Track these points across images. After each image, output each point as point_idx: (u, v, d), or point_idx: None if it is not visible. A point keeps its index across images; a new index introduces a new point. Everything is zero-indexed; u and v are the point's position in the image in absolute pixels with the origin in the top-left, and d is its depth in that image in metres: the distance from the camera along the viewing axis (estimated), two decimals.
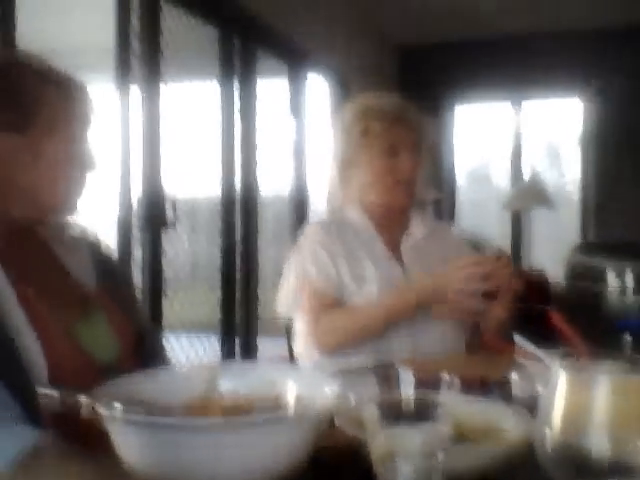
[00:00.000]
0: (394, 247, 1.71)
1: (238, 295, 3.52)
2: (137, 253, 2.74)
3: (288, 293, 1.72)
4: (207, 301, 3.48)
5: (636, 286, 1.67)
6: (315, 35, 4.09)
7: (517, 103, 5.58)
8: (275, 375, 0.87)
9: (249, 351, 3.56)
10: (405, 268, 1.69)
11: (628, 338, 1.22)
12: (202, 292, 3.49)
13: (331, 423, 0.81)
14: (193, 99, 3.37)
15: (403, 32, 5.19)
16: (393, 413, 0.62)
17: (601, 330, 1.01)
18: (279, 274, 1.81)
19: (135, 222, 2.73)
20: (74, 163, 1.07)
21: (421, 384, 0.70)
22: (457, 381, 0.68)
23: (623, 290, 1.73)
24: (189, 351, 3.23)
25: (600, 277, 1.94)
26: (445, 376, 0.68)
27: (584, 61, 5.06)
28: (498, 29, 5.07)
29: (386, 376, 0.72)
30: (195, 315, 3.36)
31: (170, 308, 3.07)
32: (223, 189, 3.38)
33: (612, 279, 1.73)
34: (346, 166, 1.72)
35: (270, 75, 3.84)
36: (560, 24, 4.91)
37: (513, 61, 5.17)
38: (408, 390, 0.69)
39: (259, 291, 3.68)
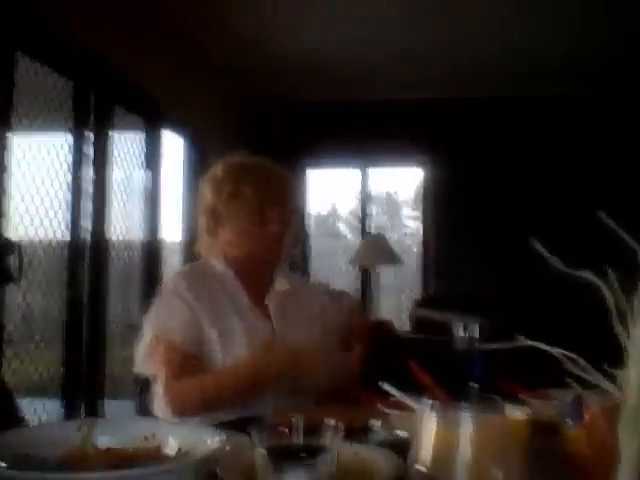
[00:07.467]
0: (259, 302, 1.71)
1: (83, 353, 3.34)
2: None
3: (145, 349, 1.62)
4: (49, 360, 3.25)
5: (477, 337, 1.84)
6: (170, 91, 4.12)
7: (363, 169, 5.98)
8: (154, 428, 0.87)
9: (95, 415, 3.36)
10: (272, 323, 1.68)
11: (474, 385, 1.34)
12: (41, 350, 3.24)
13: (214, 473, 0.82)
14: (43, 149, 3.23)
15: (260, 91, 5.35)
16: (282, 457, 0.66)
17: (450, 378, 1.11)
18: (128, 328, 1.72)
19: None
20: None
21: (306, 430, 0.73)
22: (342, 427, 0.73)
23: (465, 340, 1.89)
24: (30, 415, 3.00)
25: (442, 329, 2.09)
26: (330, 422, 0.72)
27: (421, 131, 5.52)
28: (351, 97, 5.40)
29: (268, 425, 0.75)
30: (34, 376, 3.12)
31: (7, 368, 2.85)
32: (71, 235, 3.25)
33: (457, 331, 1.89)
34: (214, 222, 1.72)
35: (126, 128, 3.80)
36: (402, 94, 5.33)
37: (360, 130, 5.51)
38: (295, 436, 0.72)
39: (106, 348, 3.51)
